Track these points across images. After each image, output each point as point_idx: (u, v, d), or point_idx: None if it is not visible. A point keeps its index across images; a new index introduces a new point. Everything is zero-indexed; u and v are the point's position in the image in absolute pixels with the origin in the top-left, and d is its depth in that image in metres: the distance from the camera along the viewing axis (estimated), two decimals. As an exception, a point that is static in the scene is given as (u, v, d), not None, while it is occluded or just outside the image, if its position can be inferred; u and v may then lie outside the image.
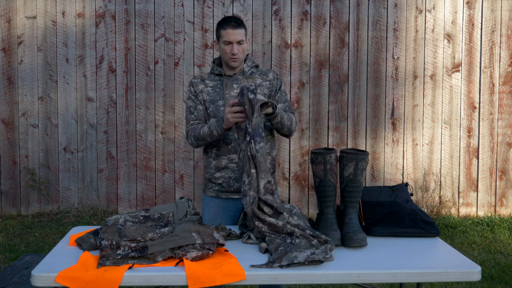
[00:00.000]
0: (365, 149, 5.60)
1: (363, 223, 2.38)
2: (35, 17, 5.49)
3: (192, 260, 1.96)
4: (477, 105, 5.61)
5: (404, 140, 5.61)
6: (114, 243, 2.01)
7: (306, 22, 5.52)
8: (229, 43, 2.63)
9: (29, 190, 5.56)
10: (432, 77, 5.58)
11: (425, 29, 5.55)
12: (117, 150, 5.57)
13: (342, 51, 5.54)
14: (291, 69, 5.53)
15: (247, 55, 2.74)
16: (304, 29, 5.53)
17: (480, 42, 5.59)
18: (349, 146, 5.58)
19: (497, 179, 5.66)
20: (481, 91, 5.61)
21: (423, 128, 5.60)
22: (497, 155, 5.64)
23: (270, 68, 5.51)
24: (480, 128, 5.62)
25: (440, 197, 5.55)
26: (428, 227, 2.34)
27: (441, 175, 5.61)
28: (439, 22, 5.56)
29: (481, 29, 5.58)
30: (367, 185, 5.56)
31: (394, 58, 5.55)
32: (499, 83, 5.61)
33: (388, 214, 2.39)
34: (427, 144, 5.61)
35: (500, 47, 5.59)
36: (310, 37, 5.54)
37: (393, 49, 5.54)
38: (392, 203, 2.48)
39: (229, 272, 1.88)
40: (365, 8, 5.51)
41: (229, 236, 2.30)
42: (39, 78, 5.52)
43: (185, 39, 5.51)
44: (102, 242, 2.02)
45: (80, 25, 5.51)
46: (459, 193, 5.65)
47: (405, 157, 5.61)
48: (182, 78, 5.52)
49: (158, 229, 2.15)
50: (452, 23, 5.56)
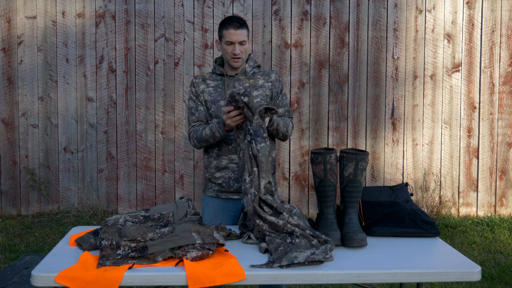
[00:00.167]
0: (365, 149, 5.59)
1: (363, 223, 2.38)
2: (35, 17, 5.49)
3: (192, 260, 1.96)
4: (477, 105, 5.61)
5: (404, 140, 5.61)
6: (114, 243, 2.01)
7: (306, 22, 5.52)
8: (231, 43, 2.62)
9: (29, 190, 5.56)
10: (432, 77, 5.57)
11: (425, 29, 5.55)
12: (117, 150, 5.57)
13: (342, 51, 5.54)
14: (291, 69, 5.53)
15: (249, 55, 2.73)
16: (304, 29, 5.53)
17: (480, 42, 5.59)
18: (349, 146, 5.58)
19: (497, 179, 5.66)
20: (481, 91, 5.61)
21: (423, 128, 5.60)
22: (497, 155, 5.64)
23: (270, 68, 5.51)
24: (480, 128, 5.62)
25: (440, 197, 5.55)
26: (428, 227, 2.34)
27: (441, 175, 5.61)
28: (439, 22, 5.55)
29: (481, 29, 5.58)
30: (367, 185, 5.56)
31: (394, 58, 5.55)
32: (499, 83, 5.60)
33: (388, 214, 2.39)
34: (427, 144, 5.61)
35: (500, 47, 5.59)
36: (310, 37, 5.54)
37: (393, 49, 5.54)
38: (392, 203, 2.48)
39: (229, 272, 1.88)
40: (365, 8, 5.51)
41: (229, 236, 2.30)
42: (39, 78, 5.52)
43: (185, 39, 5.51)
44: (102, 242, 2.02)
45: (80, 25, 5.51)
46: (459, 193, 5.64)
47: (405, 157, 5.61)
48: (182, 78, 5.52)
49: (158, 229, 2.15)
50: (452, 23, 5.56)
